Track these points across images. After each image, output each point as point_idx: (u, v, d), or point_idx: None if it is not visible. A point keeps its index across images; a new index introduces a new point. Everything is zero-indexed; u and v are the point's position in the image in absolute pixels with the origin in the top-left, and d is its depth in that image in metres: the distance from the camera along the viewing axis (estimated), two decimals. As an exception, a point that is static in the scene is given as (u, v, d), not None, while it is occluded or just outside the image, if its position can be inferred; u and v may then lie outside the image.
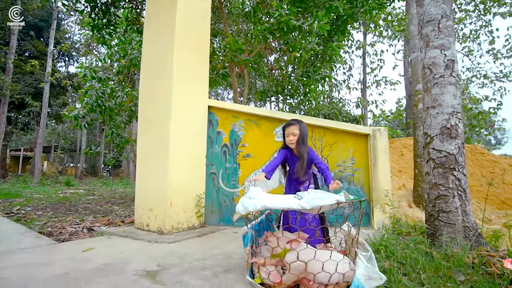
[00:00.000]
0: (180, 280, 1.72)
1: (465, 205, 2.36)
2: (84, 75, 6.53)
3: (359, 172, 3.52)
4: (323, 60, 6.09)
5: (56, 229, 3.46)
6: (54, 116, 19.72)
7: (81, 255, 2.21)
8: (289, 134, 2.32)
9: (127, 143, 7.40)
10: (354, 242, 1.67)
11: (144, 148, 3.29)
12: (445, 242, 2.22)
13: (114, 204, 6.01)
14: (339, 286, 1.49)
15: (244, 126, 3.57)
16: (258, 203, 1.51)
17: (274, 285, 1.55)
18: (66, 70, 22.38)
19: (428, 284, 1.68)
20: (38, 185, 11.71)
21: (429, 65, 2.61)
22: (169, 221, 2.92)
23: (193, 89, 3.34)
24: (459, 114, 2.47)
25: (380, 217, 3.29)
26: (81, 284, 1.63)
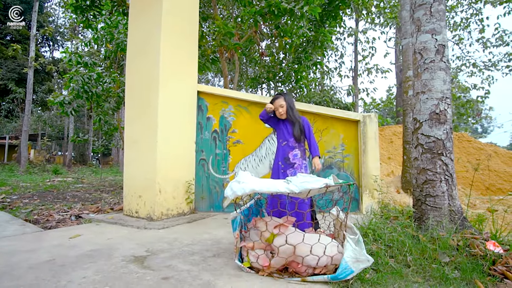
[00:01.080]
0: (169, 265, 1.71)
1: (451, 189, 2.40)
2: (69, 60, 6.30)
3: (349, 158, 3.54)
4: (314, 46, 6.01)
5: (43, 216, 3.39)
6: (39, 103, 19.15)
7: (68, 242, 2.17)
8: (277, 107, 2.45)
9: (116, 130, 7.25)
10: (342, 226, 1.68)
11: (132, 135, 3.22)
12: (431, 226, 2.26)
13: (103, 192, 5.94)
14: (327, 268, 1.51)
15: (234, 112, 3.53)
16: (247, 187, 1.49)
17: (263, 269, 1.55)
18: (51, 55, 21.61)
19: (414, 266, 1.71)
20: (25, 174, 11.46)
21: (420, 50, 2.59)
22: (158, 207, 2.90)
23: (182, 73, 3.25)
24: (448, 100, 2.48)
25: (369, 202, 3.33)
26: (67, 270, 1.61)
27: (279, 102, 2.46)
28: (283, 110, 2.46)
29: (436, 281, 1.56)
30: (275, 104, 2.46)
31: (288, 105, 2.46)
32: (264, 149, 3.49)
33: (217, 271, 1.62)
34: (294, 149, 2.42)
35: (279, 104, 2.46)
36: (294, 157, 2.40)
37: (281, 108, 2.45)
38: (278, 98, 2.49)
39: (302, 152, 2.44)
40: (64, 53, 6.67)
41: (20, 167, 12.75)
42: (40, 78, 18.10)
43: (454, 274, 1.63)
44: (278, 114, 2.48)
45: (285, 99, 2.48)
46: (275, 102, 2.47)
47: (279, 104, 2.46)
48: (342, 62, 12.37)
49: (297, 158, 2.40)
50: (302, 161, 2.40)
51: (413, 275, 1.62)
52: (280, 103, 2.45)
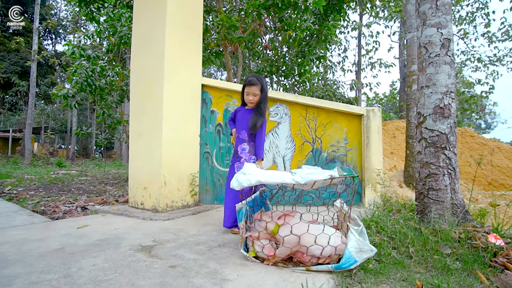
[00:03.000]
0: (176, 254, 1.75)
1: (454, 183, 2.41)
2: (72, 52, 6.31)
3: (352, 152, 3.56)
4: (318, 39, 5.99)
5: (50, 208, 3.45)
6: (42, 96, 19.22)
7: (76, 232, 2.22)
8: (249, 93, 2.27)
9: (119, 124, 7.29)
10: (346, 217, 1.71)
11: (137, 128, 3.25)
12: (433, 219, 2.29)
13: (107, 185, 6.00)
14: (331, 258, 1.54)
15: (238, 105, 3.54)
16: (253, 178, 1.52)
17: (268, 258, 1.58)
18: (53, 48, 21.62)
19: (416, 257, 1.74)
20: (29, 166, 11.57)
21: (425, 44, 2.59)
22: (163, 199, 2.94)
23: (186, 66, 3.26)
24: (452, 94, 2.48)
25: (372, 196, 3.36)
26: (77, 258, 1.65)
27: (254, 90, 2.25)
28: (254, 100, 2.27)
29: (438, 271, 1.59)
30: (249, 90, 2.25)
31: (263, 97, 2.29)
32: (268, 143, 3.52)
33: (223, 260, 1.66)
34: (243, 143, 2.32)
35: (253, 92, 2.25)
36: (242, 151, 2.32)
37: (253, 97, 2.26)
38: (255, 84, 2.25)
39: (251, 147, 2.32)
40: (67, 45, 6.68)
41: (24, 160, 12.86)
42: (43, 72, 18.14)
43: (456, 265, 1.66)
44: (247, 99, 2.29)
45: (262, 89, 2.27)
46: (251, 88, 2.25)
47: (253, 92, 2.25)
48: (346, 56, 12.31)
49: (244, 152, 2.32)
50: (250, 157, 2.31)
51: (415, 265, 1.65)
52: (255, 92, 2.25)
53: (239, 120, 2.37)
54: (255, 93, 2.26)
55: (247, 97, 2.28)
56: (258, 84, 2.26)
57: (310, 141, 3.56)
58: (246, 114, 2.34)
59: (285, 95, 3.57)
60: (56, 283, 1.33)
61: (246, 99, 2.30)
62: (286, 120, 3.55)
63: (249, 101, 2.29)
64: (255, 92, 2.25)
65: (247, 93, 2.28)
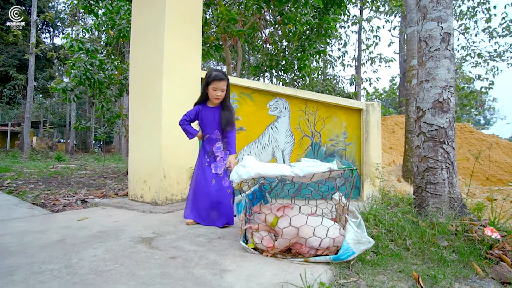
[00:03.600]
0: (176, 245, 1.76)
1: (452, 177, 2.43)
2: (71, 46, 6.26)
3: (351, 146, 3.57)
4: (318, 34, 5.96)
5: (50, 201, 3.46)
6: (41, 89, 19.12)
7: (77, 224, 2.23)
8: (217, 89, 2.17)
9: (118, 118, 7.28)
10: (344, 210, 1.73)
11: (137, 121, 3.25)
12: (431, 212, 2.31)
13: (107, 179, 6.02)
14: (329, 250, 1.56)
15: (237, 99, 3.54)
16: (252, 171, 1.53)
17: (267, 249, 1.60)
18: (51, 41, 21.44)
19: (413, 249, 1.77)
20: (28, 160, 11.57)
21: (425, 38, 2.58)
22: (163, 192, 2.95)
23: (186, 59, 3.25)
24: (451, 88, 2.49)
25: (370, 190, 3.38)
26: (78, 249, 1.67)
27: (222, 85, 2.17)
28: (222, 96, 2.19)
29: (434, 263, 1.61)
30: (218, 85, 2.16)
31: (228, 91, 2.24)
32: (267, 137, 3.52)
33: (222, 251, 1.68)
34: (218, 142, 2.31)
35: (221, 87, 2.17)
36: (217, 150, 2.31)
37: (221, 93, 2.19)
38: (223, 79, 2.17)
39: (225, 144, 2.33)
40: (65, 38, 6.63)
41: (23, 153, 12.85)
42: (41, 65, 18.02)
43: (452, 257, 1.68)
44: (213, 97, 2.20)
45: (228, 83, 2.22)
46: (220, 83, 2.16)
47: (222, 87, 2.17)
48: (346, 51, 12.24)
49: (219, 150, 2.32)
50: (225, 154, 2.32)
51: (412, 257, 1.67)
52: (223, 87, 2.18)
53: (206, 120, 2.29)
54: (223, 89, 2.19)
55: (214, 92, 2.18)
56: (225, 79, 2.20)
57: (309, 135, 3.57)
58: (213, 113, 2.27)
59: (284, 89, 3.57)
60: (57, 273, 1.34)
61: (213, 95, 2.19)
62: (286, 114, 3.56)
63: (216, 97, 2.20)
64: (223, 88, 2.19)
65: (214, 89, 2.18)
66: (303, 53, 6.40)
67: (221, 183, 2.27)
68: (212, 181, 2.27)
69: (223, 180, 2.28)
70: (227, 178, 2.29)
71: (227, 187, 2.28)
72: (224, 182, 2.28)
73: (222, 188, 2.27)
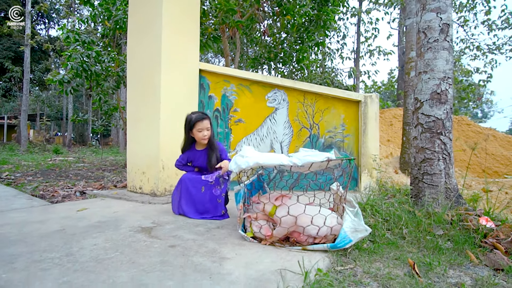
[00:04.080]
0: (175, 235, 1.78)
1: (448, 168, 2.46)
2: (67, 37, 6.18)
3: (349, 138, 3.58)
4: (317, 25, 5.92)
5: (48, 192, 3.47)
6: (37, 82, 18.95)
7: (76, 214, 2.25)
8: (203, 129, 2.21)
9: (116, 110, 7.24)
10: (342, 200, 1.75)
11: (135, 113, 3.24)
12: (427, 202, 2.34)
13: (105, 171, 6.02)
14: (326, 238, 1.58)
15: (236, 91, 3.53)
16: (251, 160, 1.54)
17: (265, 238, 1.62)
18: (47, 33, 21.15)
19: (409, 238, 1.79)
20: (26, 153, 11.53)
21: (424, 29, 2.57)
22: (162, 184, 2.96)
23: (184, 50, 3.23)
24: (449, 80, 2.49)
25: (367, 181, 3.41)
26: (78, 238, 1.68)
27: (206, 124, 2.20)
28: (208, 135, 2.23)
29: (430, 251, 1.64)
30: (202, 125, 2.20)
31: (212, 130, 2.29)
32: (266, 129, 3.53)
33: (221, 240, 1.70)
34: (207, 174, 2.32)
35: (206, 126, 2.21)
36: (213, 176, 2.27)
37: (207, 132, 2.23)
38: (206, 118, 2.21)
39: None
40: (61, 30, 6.55)
41: (21, 146, 12.80)
42: (36, 57, 17.83)
43: (447, 245, 1.71)
44: (200, 138, 2.23)
45: (211, 122, 2.26)
46: (203, 122, 2.19)
47: (206, 126, 2.21)
48: (344, 43, 12.18)
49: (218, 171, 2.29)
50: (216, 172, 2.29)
51: (408, 246, 1.70)
52: (207, 126, 2.21)
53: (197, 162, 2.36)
54: (208, 127, 2.22)
55: (200, 133, 2.21)
56: (207, 117, 2.23)
57: (307, 127, 3.58)
58: (203, 156, 2.32)
59: (283, 81, 3.56)
60: (58, 261, 1.36)
61: (200, 136, 2.22)
62: (284, 106, 3.56)
63: (203, 137, 2.22)
64: (208, 126, 2.22)
65: (199, 130, 2.20)
66: (301, 45, 6.36)
67: (211, 191, 2.21)
68: (202, 188, 2.21)
69: (213, 189, 2.21)
70: (218, 186, 2.23)
71: (217, 196, 2.21)
72: (214, 190, 2.21)
73: (212, 198, 2.21)
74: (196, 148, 2.37)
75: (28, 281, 1.16)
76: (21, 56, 14.66)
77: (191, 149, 2.37)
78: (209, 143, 2.29)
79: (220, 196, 2.22)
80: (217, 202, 2.21)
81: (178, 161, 2.41)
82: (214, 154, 2.28)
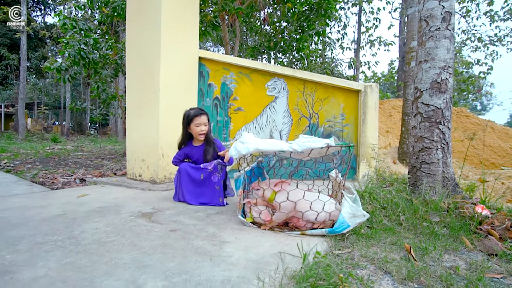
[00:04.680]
0: (175, 220, 1.80)
1: (446, 157, 2.48)
2: (64, 24, 6.09)
3: (348, 127, 3.59)
4: (318, 14, 5.84)
5: (48, 179, 3.48)
6: (34, 70, 18.73)
7: (76, 200, 2.26)
8: (200, 124, 2.24)
9: (114, 99, 7.19)
10: (340, 186, 1.77)
11: (134, 100, 3.23)
12: (424, 190, 2.37)
13: (104, 159, 6.03)
14: (325, 224, 1.60)
15: (235, 79, 3.51)
16: (251, 146, 1.55)
17: (264, 223, 1.65)
18: (43, 20, 20.79)
19: (406, 224, 1.82)
20: (24, 142, 11.50)
21: (426, 17, 2.55)
22: (162, 171, 2.98)
23: (183, 38, 3.19)
24: (450, 69, 2.49)
25: (366, 170, 3.43)
26: (79, 222, 1.70)
27: (204, 119, 2.23)
28: (206, 130, 2.26)
29: (426, 237, 1.67)
30: (200, 120, 2.22)
31: (210, 126, 2.30)
32: (265, 117, 3.53)
33: (221, 225, 1.72)
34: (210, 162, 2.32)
35: (203, 121, 2.23)
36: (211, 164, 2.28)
37: (205, 127, 2.25)
38: (202, 114, 2.23)
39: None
40: (58, 16, 6.44)
41: (19, 135, 12.75)
42: (33, 45, 17.57)
43: (443, 231, 1.75)
44: (197, 134, 2.25)
45: (208, 118, 2.28)
46: (201, 118, 2.22)
47: (204, 122, 2.23)
48: (345, 33, 12.04)
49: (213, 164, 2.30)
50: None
51: (405, 232, 1.73)
52: (204, 121, 2.23)
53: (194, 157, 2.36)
54: (205, 123, 2.25)
55: (198, 128, 2.24)
56: (205, 113, 2.26)
57: (307, 116, 3.58)
58: (200, 151, 2.33)
59: (283, 69, 3.54)
60: (61, 244, 1.38)
61: (197, 131, 2.25)
62: (284, 94, 3.55)
63: (201, 132, 2.25)
64: (205, 122, 2.25)
65: (197, 125, 2.23)
66: (302, 34, 6.29)
67: (210, 178, 2.22)
68: (201, 175, 2.22)
69: (212, 176, 2.22)
70: (216, 173, 2.23)
71: (215, 183, 2.22)
72: (213, 177, 2.22)
73: (211, 185, 2.22)
74: (193, 144, 2.39)
75: (32, 262, 1.18)
76: (17, 43, 14.45)
77: (188, 145, 2.39)
78: (206, 138, 2.31)
79: (218, 183, 2.24)
80: (216, 189, 2.23)
81: (175, 158, 2.41)
82: (211, 149, 2.31)
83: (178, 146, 2.42)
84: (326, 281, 0.98)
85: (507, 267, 1.31)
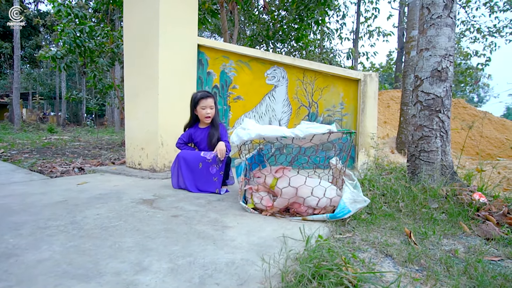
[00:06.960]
0: (177, 206, 1.81)
1: (445, 145, 2.49)
2: (58, 10, 5.95)
3: (347, 117, 3.59)
4: (317, 2, 5.77)
5: (46, 168, 3.46)
6: (28, 59, 18.42)
7: (77, 187, 2.26)
8: (206, 106, 2.23)
9: (111, 88, 7.12)
10: (341, 173, 1.78)
11: (133, 88, 3.19)
12: (423, 178, 2.39)
13: (102, 149, 6.00)
14: (326, 209, 1.62)
15: (235, 67, 3.48)
16: (253, 132, 1.55)
17: (266, 209, 1.66)
18: (36, 7, 20.33)
19: (405, 210, 1.85)
20: (20, 132, 11.40)
21: (427, 5, 2.53)
22: (161, 159, 2.97)
23: (182, 25, 3.14)
24: (451, 57, 2.48)
25: (364, 160, 3.45)
26: (81, 208, 1.70)
27: (210, 102, 2.22)
28: (212, 113, 2.25)
29: (425, 222, 1.70)
30: (206, 103, 2.22)
31: (216, 108, 2.29)
32: (264, 106, 3.52)
33: (222, 211, 1.73)
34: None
35: (209, 104, 2.22)
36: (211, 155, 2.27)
37: (211, 110, 2.24)
38: (210, 96, 2.23)
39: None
40: (52, 2, 6.30)
41: (14, 125, 12.62)
42: (26, 33, 17.23)
43: (441, 217, 1.77)
44: (202, 116, 2.25)
45: (215, 101, 2.27)
46: (207, 100, 2.22)
47: (210, 104, 2.23)
48: (344, 23, 11.91)
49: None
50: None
51: (404, 217, 1.75)
52: (211, 104, 2.23)
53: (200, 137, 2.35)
54: (211, 106, 2.25)
55: (204, 111, 2.24)
56: (212, 96, 2.25)
57: (306, 105, 3.57)
58: (204, 133, 2.32)
59: (283, 58, 3.51)
60: (63, 228, 1.38)
61: (203, 113, 2.25)
62: (283, 83, 3.53)
63: (206, 115, 2.24)
64: (211, 105, 2.25)
65: (203, 107, 2.23)
66: (301, 23, 6.22)
67: (208, 169, 2.21)
68: (199, 164, 2.21)
69: (210, 167, 2.20)
70: (215, 165, 2.23)
71: (213, 175, 2.21)
72: (211, 168, 2.21)
73: (208, 176, 2.20)
74: (199, 126, 2.38)
75: (36, 245, 1.18)
76: (10, 31, 14.15)
77: (194, 127, 2.38)
78: (212, 122, 2.31)
79: (216, 174, 2.21)
80: (213, 181, 2.22)
81: (179, 140, 2.41)
82: (217, 133, 2.29)
83: (184, 128, 2.42)
84: (329, 262, 0.99)
85: (504, 251, 1.34)
